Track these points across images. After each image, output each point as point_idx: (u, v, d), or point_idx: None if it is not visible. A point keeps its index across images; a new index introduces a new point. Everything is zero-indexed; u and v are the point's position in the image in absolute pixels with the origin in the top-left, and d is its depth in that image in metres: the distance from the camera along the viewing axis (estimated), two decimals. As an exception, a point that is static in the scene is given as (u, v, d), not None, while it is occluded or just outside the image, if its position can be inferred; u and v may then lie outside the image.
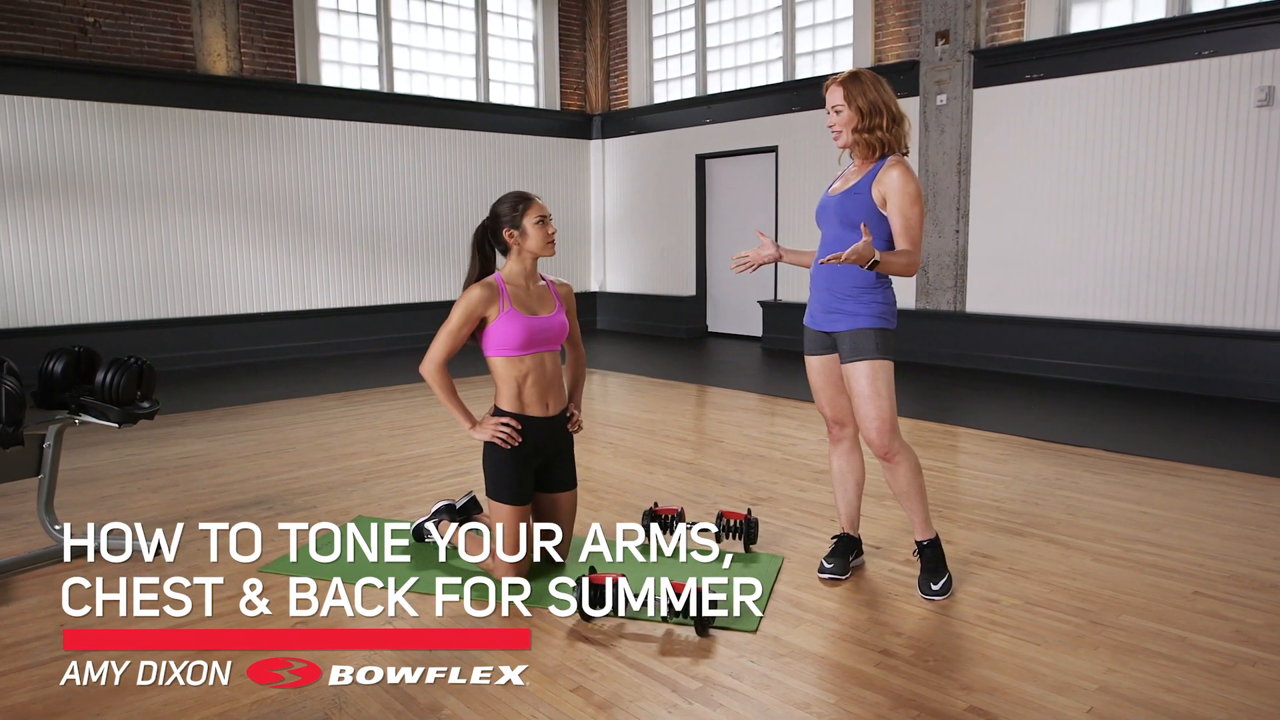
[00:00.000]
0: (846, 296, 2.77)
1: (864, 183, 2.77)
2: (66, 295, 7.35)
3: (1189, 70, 6.25)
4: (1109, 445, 4.76)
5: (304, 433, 5.24)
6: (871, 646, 2.46)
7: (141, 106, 7.56)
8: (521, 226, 2.86)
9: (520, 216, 2.86)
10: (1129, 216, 6.63)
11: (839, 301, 2.79)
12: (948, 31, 7.42)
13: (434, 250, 9.57)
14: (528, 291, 2.91)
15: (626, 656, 2.40)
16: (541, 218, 2.85)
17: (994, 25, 7.29)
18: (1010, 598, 2.78)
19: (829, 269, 2.78)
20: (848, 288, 2.77)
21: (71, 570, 3.04)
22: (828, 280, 2.81)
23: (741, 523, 3.20)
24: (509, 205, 2.88)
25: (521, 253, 2.89)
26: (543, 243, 2.88)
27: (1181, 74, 6.29)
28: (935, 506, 3.73)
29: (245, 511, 3.72)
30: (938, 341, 7.78)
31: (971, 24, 7.31)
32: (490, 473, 2.87)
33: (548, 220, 2.87)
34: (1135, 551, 3.18)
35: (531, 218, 2.86)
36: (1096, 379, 6.78)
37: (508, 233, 2.87)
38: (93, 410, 3.10)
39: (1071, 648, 2.44)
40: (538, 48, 10.45)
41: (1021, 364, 7.23)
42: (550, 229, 2.88)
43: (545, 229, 2.87)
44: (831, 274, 2.79)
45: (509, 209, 2.87)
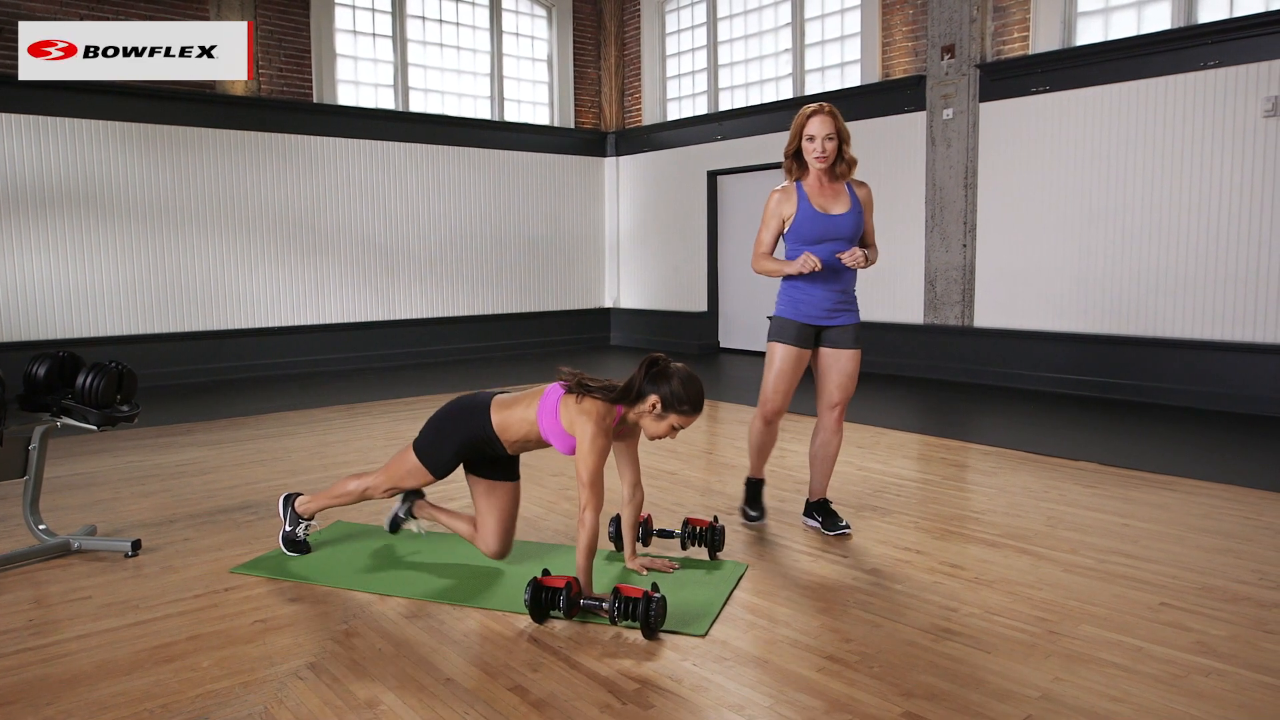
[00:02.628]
0: (851, 297, 3.48)
1: (856, 201, 3.43)
2: (86, 309, 7.55)
3: (1195, 81, 6.18)
4: (1104, 459, 4.69)
5: (301, 442, 5.33)
6: (818, 652, 2.44)
7: (160, 126, 7.78)
8: (667, 415, 2.73)
9: (676, 411, 2.72)
10: (1136, 228, 6.55)
11: (847, 301, 3.46)
12: (953, 45, 7.41)
13: (447, 266, 9.69)
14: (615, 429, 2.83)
15: (571, 658, 2.41)
16: (679, 429, 2.77)
17: (999, 39, 7.26)
18: (970, 607, 2.75)
19: (837, 274, 3.40)
20: (850, 289, 3.48)
21: (50, 568, 3.12)
22: (843, 284, 3.43)
23: (706, 529, 3.20)
24: (682, 396, 2.71)
25: (641, 419, 2.77)
26: (656, 435, 2.78)
27: (1188, 85, 6.22)
28: (914, 518, 3.72)
29: (229, 515, 3.79)
30: (945, 357, 7.72)
31: (977, 38, 7.30)
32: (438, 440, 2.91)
33: (675, 434, 2.80)
34: (1108, 563, 3.13)
35: (677, 421, 2.75)
36: (1102, 393, 6.68)
37: (656, 402, 2.71)
38: (74, 413, 3.18)
39: (1023, 656, 2.41)
40: (552, 66, 10.59)
41: (1029, 379, 7.15)
42: (672, 437, 2.82)
43: (670, 435, 2.79)
44: (845, 277, 3.43)
45: (677, 397, 2.70)
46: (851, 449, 5.06)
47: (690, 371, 2.79)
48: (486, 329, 10.00)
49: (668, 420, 2.73)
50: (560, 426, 2.74)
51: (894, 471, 4.58)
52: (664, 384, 2.71)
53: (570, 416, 2.71)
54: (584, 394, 2.70)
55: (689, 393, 2.71)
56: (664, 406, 2.71)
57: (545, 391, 2.81)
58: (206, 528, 3.62)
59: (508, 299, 10.22)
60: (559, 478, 4.45)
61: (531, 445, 2.87)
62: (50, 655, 2.44)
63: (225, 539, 3.47)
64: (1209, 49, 6.10)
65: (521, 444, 2.86)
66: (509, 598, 2.79)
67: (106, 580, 3.02)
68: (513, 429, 2.82)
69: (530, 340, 10.34)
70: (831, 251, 3.34)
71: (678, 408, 2.71)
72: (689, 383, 2.72)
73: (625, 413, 2.76)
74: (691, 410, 2.73)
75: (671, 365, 2.76)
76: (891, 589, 2.91)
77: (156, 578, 3.05)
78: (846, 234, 3.38)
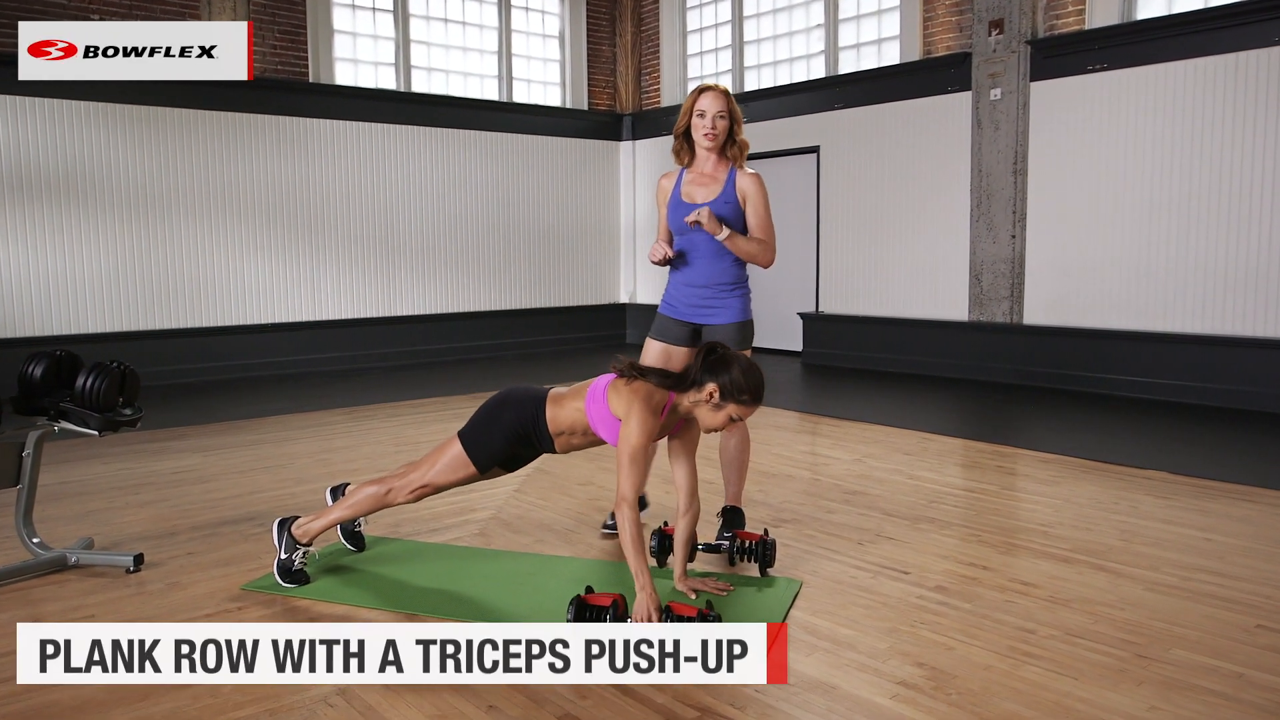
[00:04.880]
0: (728, 291, 3.44)
1: (731, 189, 3.38)
2: (66, 304, 7.55)
3: (1269, 58, 6.12)
4: (1175, 468, 4.65)
5: (304, 448, 5.32)
6: (889, 677, 2.42)
7: (146, 107, 7.78)
8: (725, 405, 2.72)
9: (735, 400, 2.71)
10: (1202, 219, 6.50)
11: (720, 296, 3.44)
12: (1002, 20, 7.37)
13: (452, 259, 9.68)
14: (668, 420, 2.84)
15: (625, 683, 2.39)
16: (737, 420, 2.76)
17: (1052, 12, 7.22)
18: (1048, 628, 2.72)
19: (708, 263, 3.41)
20: (727, 283, 3.45)
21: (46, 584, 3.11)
22: (714, 275, 3.42)
23: (757, 544, 3.17)
24: (742, 385, 2.70)
25: (698, 406, 2.75)
26: (712, 427, 2.77)
27: (1260, 62, 6.17)
28: (974, 531, 3.69)
29: (235, 528, 3.77)
30: (991, 356, 7.67)
31: (1028, 11, 7.25)
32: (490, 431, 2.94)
33: (734, 426, 2.80)
34: (1194, 581, 3.10)
35: (736, 412, 2.74)
36: (1165, 396, 6.63)
37: (713, 391, 2.70)
38: (73, 417, 3.17)
39: (1113, 683, 2.38)
40: (564, 44, 10.57)
41: (1083, 380, 7.10)
42: (730, 431, 2.83)
43: (729, 428, 2.82)
44: (719, 269, 3.40)
45: (736, 386, 2.69)
46: (897, 456, 5.03)
47: (751, 360, 2.82)
48: (492, 326, 9.98)
49: (725, 410, 2.73)
50: (608, 411, 2.78)
51: (947, 480, 4.55)
52: (723, 372, 2.72)
53: (618, 400, 2.75)
54: (636, 377, 2.76)
55: (750, 382, 2.72)
56: (722, 395, 2.72)
57: (596, 380, 2.87)
58: (211, 540, 3.61)
59: (515, 294, 10.21)
60: (588, 487, 4.43)
61: (578, 439, 2.91)
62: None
63: (232, 553, 3.45)
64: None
65: (569, 436, 2.90)
66: (550, 615, 2.76)
67: (109, 598, 3.01)
68: (562, 419, 2.87)
69: (539, 338, 10.33)
70: (693, 243, 3.38)
71: (737, 397, 2.71)
72: (750, 372, 2.74)
73: (677, 400, 2.78)
74: (752, 400, 2.74)
75: (731, 352, 2.79)
76: (960, 608, 2.88)
77: (162, 595, 3.03)
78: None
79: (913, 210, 8.20)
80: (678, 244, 3.46)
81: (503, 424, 2.91)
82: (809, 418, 6.27)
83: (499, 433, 2.91)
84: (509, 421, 2.90)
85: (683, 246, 3.44)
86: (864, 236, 8.60)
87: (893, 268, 8.35)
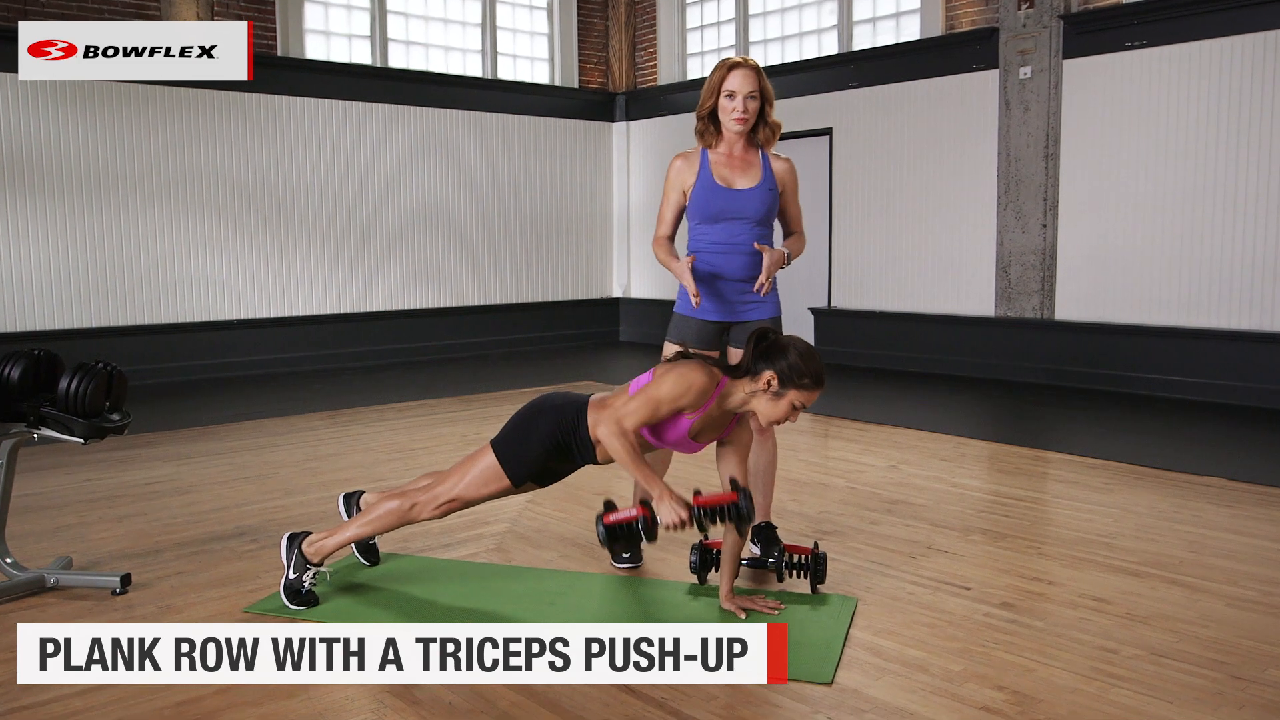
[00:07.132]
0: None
1: (770, 175, 3.37)
2: (10, 299, 7.43)
3: (1320, 35, 6.19)
4: (1235, 474, 4.68)
5: (288, 456, 5.25)
6: (969, 701, 2.40)
7: (97, 82, 7.65)
8: (786, 393, 2.72)
9: (796, 386, 2.71)
10: (1250, 206, 6.55)
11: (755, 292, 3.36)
12: (1032, -7, 7.40)
13: (433, 250, 9.62)
14: (718, 414, 2.83)
15: (679, 710, 2.36)
16: (800, 409, 2.76)
17: (1087, -15, 7.26)
18: (1131, 647, 2.72)
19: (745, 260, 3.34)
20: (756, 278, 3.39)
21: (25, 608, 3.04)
22: (752, 272, 3.35)
23: (808, 558, 3.15)
24: (802, 369, 2.70)
25: (754, 397, 2.76)
26: (773, 419, 2.76)
27: (1311, 39, 6.23)
28: (1033, 542, 3.70)
29: (225, 544, 3.71)
30: (1021, 354, 7.71)
31: (1060, -16, 7.29)
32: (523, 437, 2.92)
33: (796, 415, 2.78)
34: (1277, 596, 3.11)
35: (798, 399, 2.73)
36: (1214, 397, 6.68)
37: (771, 379, 2.71)
38: (55, 423, 3.10)
39: (1211, 707, 2.38)
40: (553, 16, 10.53)
41: (1121, 380, 7.14)
42: (793, 420, 2.79)
43: (791, 418, 2.78)
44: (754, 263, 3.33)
45: (796, 370, 2.69)
46: (934, 462, 5.04)
47: (807, 343, 2.80)
48: (476, 322, 9.92)
49: (787, 398, 2.72)
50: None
51: (992, 488, 4.56)
52: (780, 358, 2.72)
53: (663, 372, 2.77)
54: (689, 359, 2.79)
55: (810, 366, 2.71)
56: (781, 383, 2.71)
57: (640, 376, 2.89)
58: (201, 559, 3.54)
59: (501, 288, 10.16)
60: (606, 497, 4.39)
61: None
62: (53, 716, 2.37)
63: (226, 572, 3.39)
64: (1337, -3, 6.11)
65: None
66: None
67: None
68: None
69: (526, 336, 10.28)
70: (731, 234, 3.31)
71: (798, 382, 2.70)
72: (809, 355, 2.73)
73: (729, 390, 2.77)
74: (813, 385, 2.73)
75: (785, 337, 2.79)
76: (1033, 626, 2.88)
77: (156, 620, 2.97)
78: (750, 213, 3.31)
79: (934, 198, 8.22)
80: (701, 238, 3.36)
81: (540, 433, 2.87)
82: (830, 421, 6.26)
83: (536, 442, 2.87)
84: (546, 430, 2.87)
85: (713, 240, 3.33)
86: (880, 226, 8.61)
87: (912, 260, 8.37)
